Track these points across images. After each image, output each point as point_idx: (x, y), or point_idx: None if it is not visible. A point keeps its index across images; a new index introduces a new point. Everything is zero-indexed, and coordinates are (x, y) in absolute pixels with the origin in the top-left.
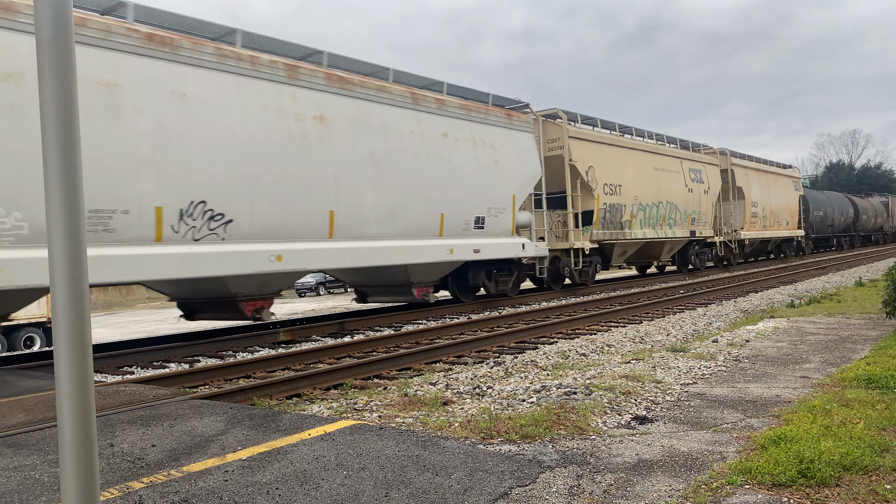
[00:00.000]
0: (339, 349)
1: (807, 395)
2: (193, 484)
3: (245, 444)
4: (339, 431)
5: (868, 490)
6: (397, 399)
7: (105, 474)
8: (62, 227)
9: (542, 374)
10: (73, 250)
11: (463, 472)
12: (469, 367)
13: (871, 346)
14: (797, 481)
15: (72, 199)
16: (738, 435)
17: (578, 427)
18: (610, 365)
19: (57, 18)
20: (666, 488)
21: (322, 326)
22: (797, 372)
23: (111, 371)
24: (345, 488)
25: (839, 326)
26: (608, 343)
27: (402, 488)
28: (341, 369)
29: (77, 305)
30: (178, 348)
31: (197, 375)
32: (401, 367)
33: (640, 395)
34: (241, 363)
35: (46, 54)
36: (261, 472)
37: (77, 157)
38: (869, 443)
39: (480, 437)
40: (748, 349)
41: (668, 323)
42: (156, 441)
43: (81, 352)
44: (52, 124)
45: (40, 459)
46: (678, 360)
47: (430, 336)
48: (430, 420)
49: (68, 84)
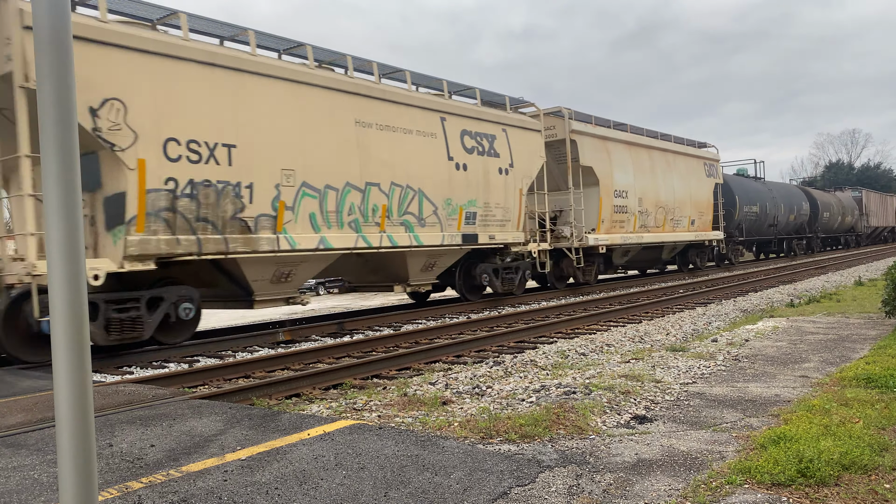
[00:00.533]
0: (338, 349)
1: (806, 394)
2: (192, 484)
3: (244, 444)
4: (339, 431)
5: (867, 489)
6: (397, 399)
7: (104, 474)
8: (59, 224)
9: (542, 374)
10: (70, 248)
11: (462, 472)
12: (468, 366)
13: (871, 346)
14: (796, 481)
15: (69, 197)
16: (738, 434)
17: (578, 427)
18: (609, 364)
19: (55, 19)
20: (665, 488)
21: (321, 326)
22: (796, 371)
23: (110, 371)
24: (344, 488)
25: (838, 326)
26: (607, 342)
27: (402, 488)
28: (340, 369)
29: (75, 304)
30: (178, 348)
31: (196, 375)
32: (400, 367)
33: (640, 394)
34: (240, 363)
35: (45, 54)
36: (260, 471)
37: (74, 156)
38: (868, 442)
39: (480, 436)
40: (748, 348)
41: (668, 322)
42: (155, 441)
43: (80, 351)
44: (51, 124)
45: (39, 459)
46: (678, 360)
47: (429, 336)
48: (429, 420)
49: (66, 84)
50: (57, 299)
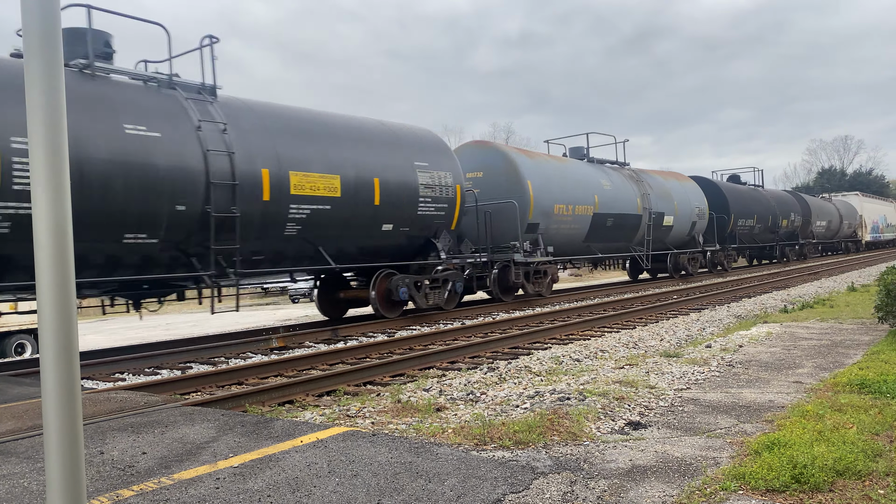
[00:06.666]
0: (332, 355)
1: (800, 400)
2: (184, 492)
3: (237, 451)
4: (332, 438)
5: (861, 495)
6: (390, 405)
7: (94, 482)
8: (48, 231)
9: (536, 380)
10: (59, 255)
11: (456, 479)
12: (463, 372)
13: (864, 351)
14: (791, 486)
15: (58, 203)
16: (732, 440)
17: (572, 433)
18: (603, 370)
19: (45, 22)
20: (660, 494)
21: (315, 332)
22: (790, 377)
23: (102, 377)
24: (337, 495)
25: (832, 331)
26: (602, 348)
27: (395, 495)
28: (334, 375)
29: (63, 310)
30: (170, 355)
31: (189, 382)
32: (394, 374)
33: (634, 400)
34: (233, 370)
35: (34, 57)
36: (252, 479)
37: (63, 160)
38: (862, 448)
39: (474, 443)
40: (741, 354)
41: (662, 328)
42: (146, 448)
43: (68, 357)
44: (39, 127)
45: (29, 467)
46: (672, 366)
47: (423, 342)
48: (423, 426)
49: (55, 87)
50: (44, 304)
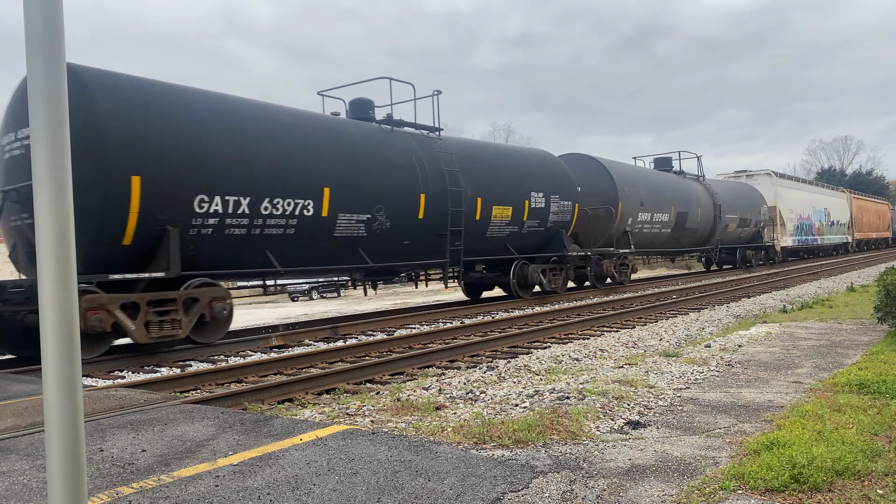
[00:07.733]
0: (331, 353)
1: (799, 400)
2: (184, 489)
3: (236, 449)
4: (332, 436)
5: (860, 495)
6: (390, 404)
7: (94, 479)
8: (50, 227)
9: (536, 379)
10: (61, 251)
11: (455, 478)
12: (462, 371)
13: (863, 352)
14: (790, 486)
15: (60, 200)
16: (731, 440)
17: (571, 432)
18: (603, 370)
19: (47, 23)
20: (659, 493)
21: (315, 331)
22: (790, 377)
23: (102, 375)
24: (336, 493)
25: (831, 331)
26: (601, 347)
27: (395, 493)
28: (334, 374)
29: (65, 307)
30: (170, 353)
31: (188, 380)
32: (394, 372)
33: (633, 399)
34: (232, 367)
35: (36, 58)
36: (252, 477)
37: (65, 158)
38: (861, 448)
39: (473, 442)
40: (741, 354)
41: (661, 328)
42: (146, 446)
43: (69, 354)
44: (42, 126)
45: (29, 464)
46: (671, 365)
47: (423, 341)
48: (422, 425)
49: (57, 89)
50: (46, 300)
